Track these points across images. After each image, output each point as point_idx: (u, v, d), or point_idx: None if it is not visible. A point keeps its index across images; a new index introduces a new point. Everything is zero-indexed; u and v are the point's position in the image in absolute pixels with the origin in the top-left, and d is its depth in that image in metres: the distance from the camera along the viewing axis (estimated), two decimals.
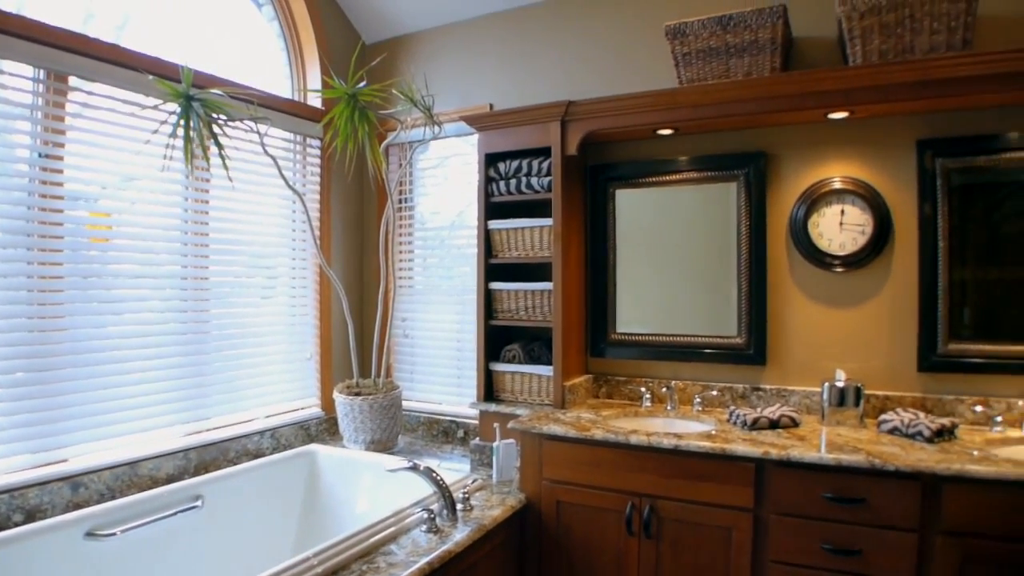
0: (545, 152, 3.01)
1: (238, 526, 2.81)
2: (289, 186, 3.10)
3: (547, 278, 3.01)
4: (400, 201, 3.83)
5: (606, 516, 2.54)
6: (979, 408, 2.59)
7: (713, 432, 2.56)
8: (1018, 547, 2.02)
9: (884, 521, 2.16)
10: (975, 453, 2.22)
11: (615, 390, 3.20)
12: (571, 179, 3.07)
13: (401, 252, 3.85)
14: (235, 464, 2.98)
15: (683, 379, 3.07)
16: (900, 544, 2.14)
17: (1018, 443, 2.42)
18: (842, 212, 2.81)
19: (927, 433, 2.36)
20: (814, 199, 2.85)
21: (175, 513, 2.58)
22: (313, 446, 3.27)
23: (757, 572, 2.33)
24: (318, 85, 3.53)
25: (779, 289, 2.93)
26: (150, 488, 2.64)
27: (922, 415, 2.50)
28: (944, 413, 2.65)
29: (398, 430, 3.34)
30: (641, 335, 3.15)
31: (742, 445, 2.36)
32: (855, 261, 2.80)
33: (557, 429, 2.62)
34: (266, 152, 2.96)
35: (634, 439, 2.48)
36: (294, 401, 3.52)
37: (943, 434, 2.39)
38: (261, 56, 3.49)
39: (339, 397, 3.25)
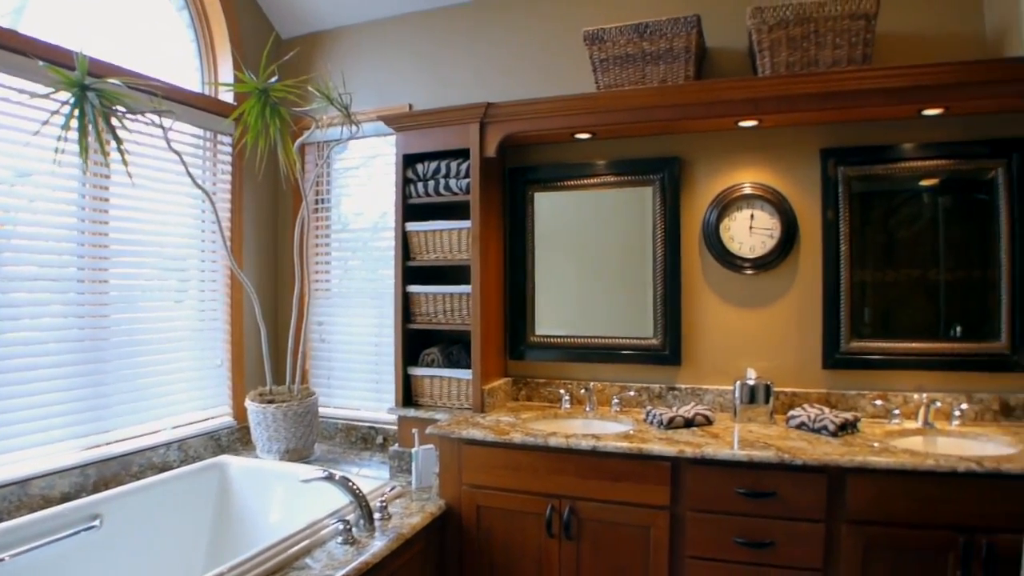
0: (464, 154, 3.00)
1: (141, 546, 2.65)
2: (196, 184, 2.97)
3: (466, 281, 2.99)
4: (317, 202, 3.74)
5: (526, 519, 2.54)
6: (879, 402, 2.74)
7: (631, 432, 2.60)
8: (915, 532, 2.15)
9: (794, 513, 2.25)
10: (876, 445, 2.34)
11: (535, 392, 3.21)
12: (490, 181, 3.06)
13: (318, 254, 3.76)
14: (139, 479, 2.82)
15: (602, 380, 3.11)
16: (809, 534, 2.24)
17: (915, 434, 2.57)
18: (752, 216, 2.91)
19: (832, 427, 2.47)
20: (726, 204, 2.94)
21: (70, 535, 2.40)
22: (224, 457, 3.14)
23: (675, 569, 2.38)
24: (230, 79, 3.41)
25: (693, 291, 3.01)
26: (43, 508, 2.46)
27: (827, 410, 2.62)
28: (847, 408, 2.78)
29: (314, 438, 3.25)
30: (560, 337, 3.18)
31: (658, 444, 2.40)
32: (764, 264, 2.90)
33: (476, 433, 2.61)
34: (171, 148, 2.83)
35: (553, 441, 2.49)
36: (204, 410, 3.37)
37: (847, 428, 2.51)
38: (170, 47, 3.33)
39: (251, 405, 3.13)
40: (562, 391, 3.08)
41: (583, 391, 3.04)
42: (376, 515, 2.42)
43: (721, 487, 2.32)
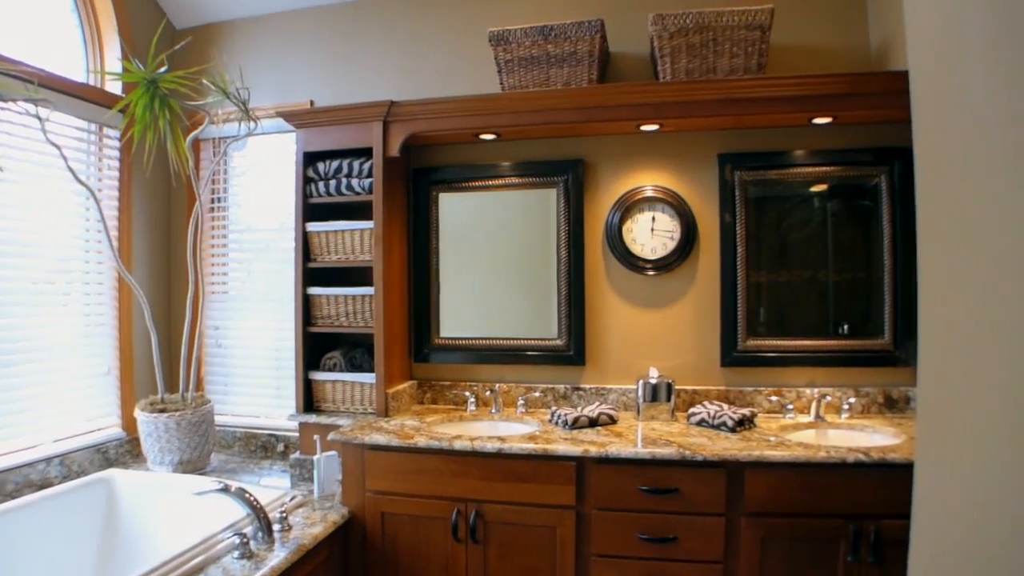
0: (367, 153, 2.93)
1: (18, 572, 2.45)
2: (79, 180, 2.78)
3: (369, 283, 2.92)
4: (213, 201, 3.58)
5: (432, 524, 2.50)
6: (774, 398, 2.84)
7: (536, 433, 2.60)
8: (809, 521, 2.25)
9: (695, 508, 2.31)
10: (772, 439, 2.43)
11: (440, 395, 3.17)
12: (393, 181, 3.00)
13: (214, 255, 3.59)
14: (14, 499, 2.61)
15: (507, 382, 3.10)
16: (710, 528, 2.30)
17: (807, 428, 2.69)
18: (653, 219, 2.97)
19: (730, 423, 2.54)
20: (628, 206, 2.98)
21: None
22: (112, 472, 2.94)
23: (581, 568, 2.39)
24: (118, 68, 3.21)
25: (597, 292, 3.04)
26: None
27: (726, 407, 2.70)
28: (745, 404, 2.87)
29: (210, 448, 3.10)
30: (466, 339, 3.15)
31: (564, 445, 2.41)
32: (665, 265, 2.96)
33: (380, 438, 2.55)
34: (48, 140, 2.63)
35: (458, 444, 2.46)
36: (89, 422, 3.16)
37: (744, 423, 2.59)
38: (53, 33, 3.10)
39: (142, 415, 2.96)
40: (468, 393, 3.05)
41: (489, 393, 3.02)
42: (275, 526, 2.32)
43: (625, 485, 2.35)
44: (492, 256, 3.14)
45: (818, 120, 2.74)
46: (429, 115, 2.84)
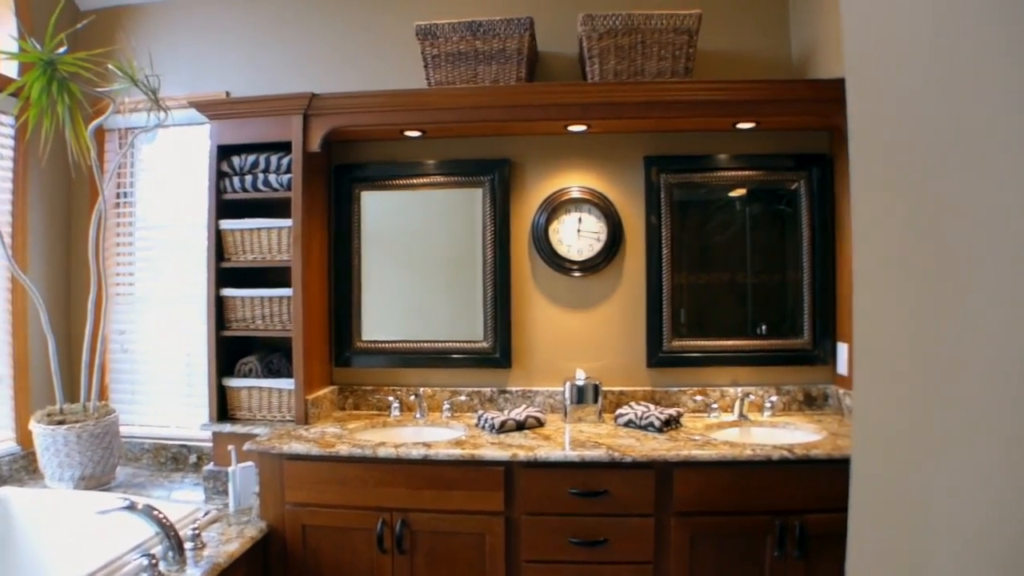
0: (286, 147, 2.79)
1: None
2: None
3: (287, 283, 2.78)
4: (119, 195, 3.36)
5: (356, 536, 2.40)
6: (699, 397, 2.87)
7: (462, 438, 2.54)
8: (736, 519, 2.29)
9: (625, 509, 2.30)
10: (698, 439, 2.46)
11: (362, 400, 3.06)
12: (314, 178, 2.88)
13: (120, 254, 3.38)
14: None
15: (432, 385, 3.03)
16: (640, 529, 2.30)
17: (732, 426, 2.74)
18: (580, 220, 2.95)
19: (658, 424, 2.55)
20: (555, 207, 2.96)
21: None
22: (5, 490, 2.70)
23: (512, 574, 2.35)
24: (13, 48, 2.95)
25: (523, 293, 3.01)
26: None
27: (653, 407, 2.71)
28: (671, 404, 2.89)
29: (115, 461, 2.90)
30: (389, 342, 3.06)
31: (491, 449, 2.36)
32: (592, 266, 2.95)
33: (299, 447, 2.43)
34: None
35: (382, 452, 2.37)
36: None
37: (671, 423, 2.61)
38: None
39: (38, 427, 2.73)
40: (392, 398, 2.95)
41: (413, 398, 2.93)
42: (188, 545, 2.18)
43: (554, 489, 2.32)
44: (416, 256, 3.06)
45: (742, 125, 2.79)
46: (352, 109, 2.73)
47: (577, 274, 2.97)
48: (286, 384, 2.80)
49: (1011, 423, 0.68)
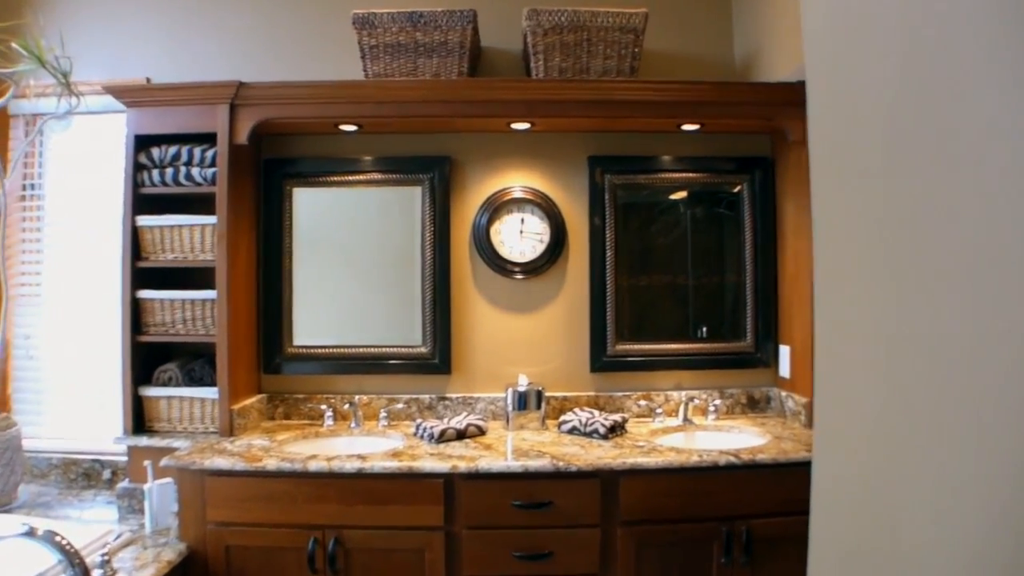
0: (210, 139, 2.60)
1: None
2: None
3: (210, 285, 2.59)
4: (25, 188, 3.09)
5: (285, 556, 2.24)
6: (643, 402, 2.83)
7: (400, 449, 2.41)
8: (683, 526, 2.24)
9: (570, 520, 2.22)
10: (644, 445, 2.41)
11: (293, 410, 2.89)
12: (241, 172, 2.70)
13: (25, 252, 3.11)
14: None
15: (368, 393, 2.88)
16: (586, 540, 2.22)
17: (676, 431, 2.70)
18: (522, 221, 2.87)
19: (603, 430, 2.49)
20: (497, 207, 2.86)
21: None
22: None
23: None
24: None
25: (464, 296, 2.90)
26: None
27: (597, 413, 2.64)
28: (615, 409, 2.83)
29: (17, 479, 2.64)
30: (322, 347, 2.89)
31: (430, 460, 2.24)
32: (534, 268, 2.87)
33: (222, 462, 2.25)
34: None
35: (313, 466, 2.22)
36: None
37: (616, 430, 2.55)
38: None
39: None
40: (325, 407, 2.79)
41: (348, 406, 2.78)
42: (96, 572, 1.98)
43: (497, 501, 2.22)
44: (352, 257, 2.91)
45: (687, 126, 2.75)
46: (283, 100, 2.58)
47: (519, 276, 2.88)
48: (209, 393, 2.61)
49: (976, 420, 0.66)
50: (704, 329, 2.90)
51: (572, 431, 2.59)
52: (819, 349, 1.00)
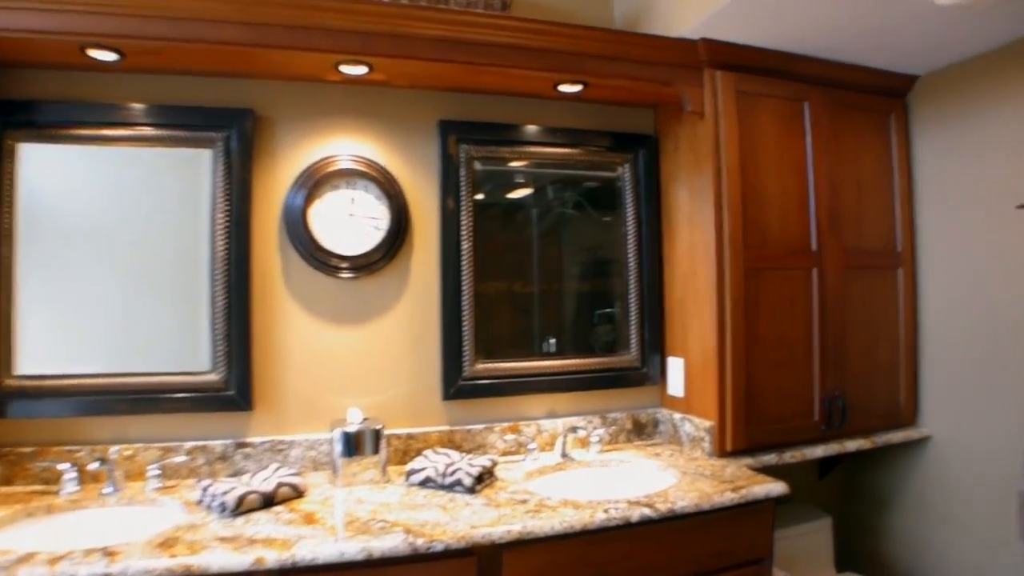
0: None
1: None
2: None
3: None
4: None
5: None
6: (511, 436, 2.28)
7: (175, 531, 1.58)
8: None
9: None
10: (526, 499, 1.83)
11: (18, 470, 1.90)
12: None
13: None
14: None
15: (132, 442, 1.99)
16: None
17: (556, 470, 2.17)
18: (352, 200, 2.17)
19: (468, 481, 1.88)
20: (317, 181, 2.13)
21: None
22: None
23: None
24: None
25: (270, 302, 2.12)
26: None
27: (456, 455, 2.03)
28: (476, 446, 2.24)
29: None
30: (63, 378, 1.94)
31: (220, 551, 1.47)
32: (368, 264, 2.18)
33: None
34: None
35: (25, 573, 1.35)
36: None
37: (484, 479, 1.93)
38: None
39: None
40: (65, 465, 1.85)
41: (99, 465, 1.86)
42: None
43: None
44: (109, 246, 2.00)
45: (565, 87, 2.21)
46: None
47: (348, 275, 2.17)
48: None
49: None
50: (585, 341, 2.37)
51: (426, 483, 1.92)
52: None
